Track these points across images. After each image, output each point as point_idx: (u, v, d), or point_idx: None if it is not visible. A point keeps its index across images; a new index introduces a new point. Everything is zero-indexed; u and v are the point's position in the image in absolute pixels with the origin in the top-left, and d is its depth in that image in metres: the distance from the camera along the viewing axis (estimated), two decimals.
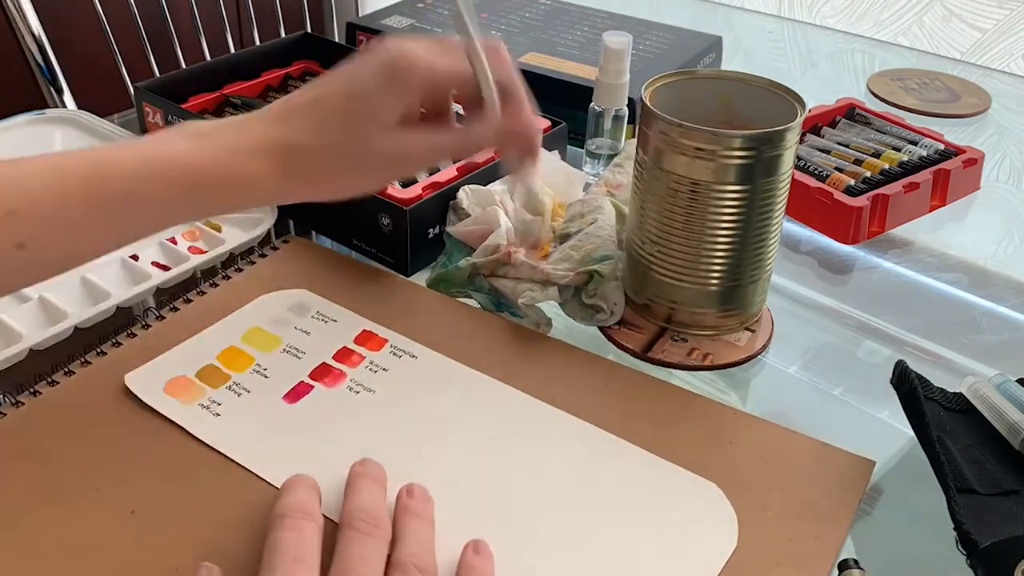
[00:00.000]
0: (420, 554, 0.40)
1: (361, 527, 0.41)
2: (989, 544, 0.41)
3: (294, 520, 0.41)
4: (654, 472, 0.48)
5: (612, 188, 0.63)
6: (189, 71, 0.81)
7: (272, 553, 0.39)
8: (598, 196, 0.62)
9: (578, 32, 0.91)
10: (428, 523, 0.43)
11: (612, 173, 0.64)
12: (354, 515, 0.41)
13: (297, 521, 0.41)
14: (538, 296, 0.57)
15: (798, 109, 0.54)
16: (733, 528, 0.44)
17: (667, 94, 0.57)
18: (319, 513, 0.42)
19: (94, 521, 0.44)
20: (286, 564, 0.38)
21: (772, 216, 0.55)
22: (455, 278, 0.60)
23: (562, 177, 0.67)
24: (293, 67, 0.86)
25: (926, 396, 0.50)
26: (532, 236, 0.63)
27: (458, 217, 0.63)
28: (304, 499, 0.42)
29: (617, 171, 0.64)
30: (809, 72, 1.05)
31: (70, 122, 0.80)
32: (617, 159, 0.65)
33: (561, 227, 0.62)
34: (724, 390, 0.56)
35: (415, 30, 0.90)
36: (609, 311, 0.58)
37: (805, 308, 0.65)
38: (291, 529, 0.40)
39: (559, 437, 0.50)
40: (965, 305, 0.66)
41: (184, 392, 0.51)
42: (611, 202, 0.62)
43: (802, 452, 0.49)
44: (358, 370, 0.54)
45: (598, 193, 0.63)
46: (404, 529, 0.42)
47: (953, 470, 0.45)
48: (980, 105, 0.93)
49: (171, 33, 1.23)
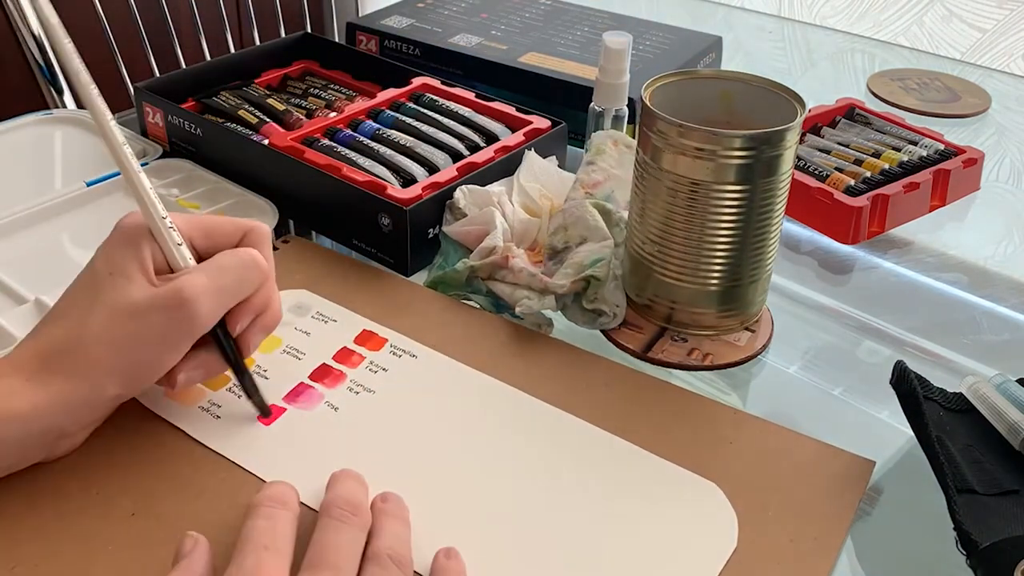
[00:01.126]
0: (396, 547, 0.41)
1: (338, 515, 0.41)
2: (989, 544, 0.41)
3: (268, 509, 0.41)
4: (654, 472, 0.48)
5: (589, 188, 0.63)
6: (189, 71, 0.81)
7: (244, 541, 0.39)
8: (578, 204, 0.61)
9: (578, 32, 0.91)
10: (404, 523, 0.43)
11: (586, 173, 0.63)
12: (333, 503, 0.42)
13: (271, 510, 0.41)
14: (535, 305, 0.57)
15: (798, 109, 0.54)
16: (733, 528, 0.44)
17: (667, 94, 0.57)
18: (295, 503, 0.42)
19: (94, 523, 0.44)
20: (256, 552, 0.38)
21: (772, 216, 0.55)
22: (453, 281, 0.60)
23: (555, 180, 0.67)
24: (293, 67, 0.86)
25: (926, 396, 0.50)
26: (529, 238, 0.63)
27: (454, 217, 0.63)
28: (281, 490, 0.43)
29: (590, 169, 0.63)
30: (809, 72, 1.05)
31: (73, 122, 0.80)
32: (587, 156, 0.64)
33: (547, 241, 0.61)
34: (724, 390, 0.56)
35: (415, 30, 0.90)
36: (611, 314, 0.58)
37: (805, 308, 0.65)
38: (264, 517, 0.40)
39: (560, 437, 0.50)
40: (965, 305, 0.66)
41: (184, 394, 0.51)
42: (591, 204, 0.61)
43: (802, 452, 0.49)
44: (358, 370, 0.54)
45: (577, 198, 0.62)
46: (381, 527, 0.42)
47: (953, 470, 0.45)
48: (980, 105, 0.93)
49: (171, 33, 1.23)
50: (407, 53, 0.89)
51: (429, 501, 0.45)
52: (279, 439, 0.49)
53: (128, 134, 0.78)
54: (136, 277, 0.45)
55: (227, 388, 0.52)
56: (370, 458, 0.48)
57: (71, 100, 1.11)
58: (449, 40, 0.88)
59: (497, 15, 0.94)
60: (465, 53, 0.85)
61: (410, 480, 0.46)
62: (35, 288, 0.59)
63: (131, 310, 0.44)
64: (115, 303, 0.44)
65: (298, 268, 0.62)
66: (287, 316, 0.58)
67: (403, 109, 0.75)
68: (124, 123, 0.83)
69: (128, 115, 0.88)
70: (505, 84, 0.83)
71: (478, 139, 0.72)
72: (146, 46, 1.20)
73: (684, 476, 0.47)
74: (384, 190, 0.63)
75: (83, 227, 0.67)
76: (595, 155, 0.63)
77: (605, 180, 0.62)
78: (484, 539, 0.44)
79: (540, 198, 0.65)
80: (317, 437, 0.49)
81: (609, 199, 0.62)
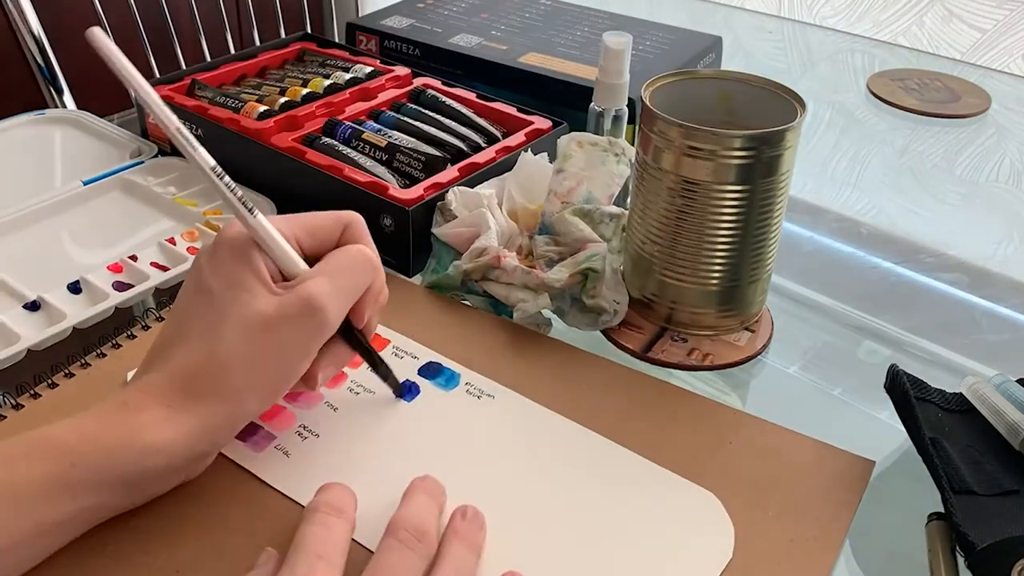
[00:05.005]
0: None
1: (403, 537, 0.40)
2: (986, 545, 0.41)
3: (324, 515, 0.40)
4: (651, 480, 0.47)
5: (564, 198, 0.62)
6: (189, 71, 0.81)
7: (296, 547, 0.39)
8: (559, 219, 0.60)
9: (578, 32, 0.91)
10: (473, 548, 0.42)
11: (557, 183, 0.62)
12: (399, 524, 0.41)
13: (326, 516, 0.40)
14: (530, 307, 0.57)
15: (798, 109, 0.54)
16: (729, 539, 0.44)
17: (667, 94, 0.57)
18: (352, 511, 0.42)
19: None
20: (309, 560, 0.38)
21: (772, 216, 0.55)
22: (448, 284, 0.60)
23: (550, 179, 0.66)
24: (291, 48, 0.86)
25: (923, 398, 0.50)
26: (515, 243, 0.62)
27: (445, 219, 0.63)
28: (339, 496, 0.42)
29: (560, 178, 0.62)
30: (809, 72, 1.05)
31: (70, 122, 0.80)
32: (556, 164, 0.64)
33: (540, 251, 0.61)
34: (724, 390, 0.56)
35: (415, 30, 0.90)
36: (612, 311, 0.58)
37: (805, 308, 0.65)
38: (320, 524, 0.40)
39: (558, 444, 0.50)
40: (965, 305, 0.66)
41: None
42: (570, 214, 0.61)
43: (802, 452, 0.49)
44: (359, 371, 0.54)
45: (553, 211, 0.61)
46: (448, 553, 0.41)
47: (950, 472, 0.45)
48: (980, 105, 0.93)
49: (171, 33, 1.23)
50: (407, 53, 0.89)
51: None
52: (279, 438, 0.49)
53: (128, 135, 0.78)
54: (257, 289, 0.43)
55: None
56: (369, 458, 0.48)
57: (70, 100, 1.12)
58: (449, 40, 0.88)
59: (497, 15, 0.94)
60: (465, 53, 0.85)
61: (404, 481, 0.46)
62: (33, 286, 0.59)
63: (263, 323, 0.42)
64: (245, 318, 0.42)
65: None
66: None
67: (403, 110, 0.75)
68: (124, 123, 0.83)
69: (128, 115, 0.88)
70: (505, 84, 0.83)
71: (479, 139, 0.72)
72: (146, 46, 1.20)
73: (681, 484, 0.47)
74: (386, 190, 0.63)
75: (81, 225, 0.67)
76: (562, 162, 0.62)
77: (577, 185, 0.62)
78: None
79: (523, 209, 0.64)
80: (317, 436, 0.49)
81: (589, 200, 0.62)
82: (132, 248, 0.64)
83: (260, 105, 0.73)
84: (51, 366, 0.53)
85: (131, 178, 0.71)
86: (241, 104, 0.73)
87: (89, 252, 0.65)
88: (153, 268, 0.62)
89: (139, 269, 0.61)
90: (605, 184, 0.62)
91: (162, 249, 0.64)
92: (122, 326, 0.57)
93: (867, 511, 0.47)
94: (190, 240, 0.64)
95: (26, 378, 0.52)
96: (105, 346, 0.55)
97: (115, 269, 0.61)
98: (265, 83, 0.80)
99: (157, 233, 0.66)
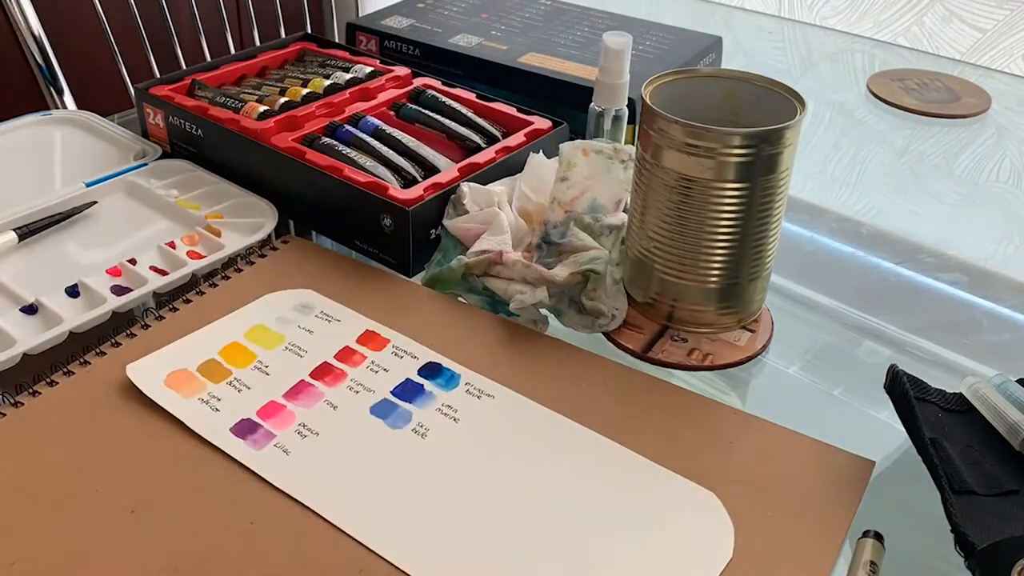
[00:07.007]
0: None
1: None
2: (986, 545, 0.41)
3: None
4: (650, 480, 0.47)
5: (567, 207, 0.62)
6: (189, 71, 0.81)
7: None
8: (562, 231, 0.60)
9: (578, 32, 0.91)
10: None
11: (560, 191, 0.62)
12: None
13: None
14: (528, 299, 0.57)
15: (798, 107, 0.54)
16: (729, 539, 0.44)
17: (667, 93, 0.57)
18: None
19: (94, 521, 0.44)
20: None
21: (772, 214, 0.55)
22: (449, 278, 0.60)
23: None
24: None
25: (922, 398, 0.50)
26: (524, 242, 0.62)
27: (456, 212, 0.63)
28: None
29: (564, 186, 0.62)
30: (809, 72, 1.05)
31: (74, 123, 0.80)
32: (559, 172, 0.64)
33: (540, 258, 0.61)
34: (724, 390, 0.56)
35: (415, 30, 0.90)
36: (610, 315, 0.58)
37: (805, 308, 0.65)
38: None
39: (558, 443, 0.50)
40: (965, 305, 0.66)
41: (184, 385, 0.51)
42: (573, 224, 0.61)
43: (802, 452, 0.49)
44: (359, 370, 0.54)
45: (556, 220, 0.61)
46: None
47: (949, 472, 0.45)
48: (980, 105, 0.93)
49: (171, 33, 1.23)
50: (407, 53, 0.89)
51: (417, 501, 0.45)
52: (278, 435, 0.49)
53: (129, 135, 0.78)
54: None
55: (227, 382, 0.52)
56: (368, 457, 0.48)
57: (71, 100, 1.12)
58: (449, 40, 0.88)
59: (497, 15, 0.94)
60: (465, 53, 0.85)
61: (403, 480, 0.46)
62: (31, 290, 0.59)
63: None
64: None
65: (298, 268, 0.62)
66: (291, 314, 0.58)
67: (403, 110, 0.75)
68: (125, 123, 0.83)
69: (128, 115, 0.88)
70: (505, 84, 0.83)
71: (479, 139, 0.72)
72: (146, 46, 1.20)
73: (681, 484, 0.47)
74: (386, 191, 0.63)
75: (81, 227, 0.67)
76: (566, 169, 0.62)
77: (581, 193, 0.62)
78: (469, 546, 0.44)
79: (536, 208, 0.64)
80: (315, 434, 0.49)
81: (594, 207, 0.62)
82: (132, 250, 0.64)
83: (260, 105, 0.73)
84: (51, 366, 0.53)
85: (134, 180, 0.71)
86: (241, 104, 0.74)
87: (89, 254, 0.65)
88: (152, 272, 0.61)
89: (138, 273, 0.61)
90: (612, 191, 0.62)
91: (161, 253, 0.64)
92: (120, 327, 0.56)
93: (867, 511, 0.47)
94: (190, 244, 0.64)
95: (23, 380, 0.52)
96: (105, 345, 0.55)
97: (113, 273, 0.61)
98: (265, 83, 0.80)
99: (157, 235, 0.66)
